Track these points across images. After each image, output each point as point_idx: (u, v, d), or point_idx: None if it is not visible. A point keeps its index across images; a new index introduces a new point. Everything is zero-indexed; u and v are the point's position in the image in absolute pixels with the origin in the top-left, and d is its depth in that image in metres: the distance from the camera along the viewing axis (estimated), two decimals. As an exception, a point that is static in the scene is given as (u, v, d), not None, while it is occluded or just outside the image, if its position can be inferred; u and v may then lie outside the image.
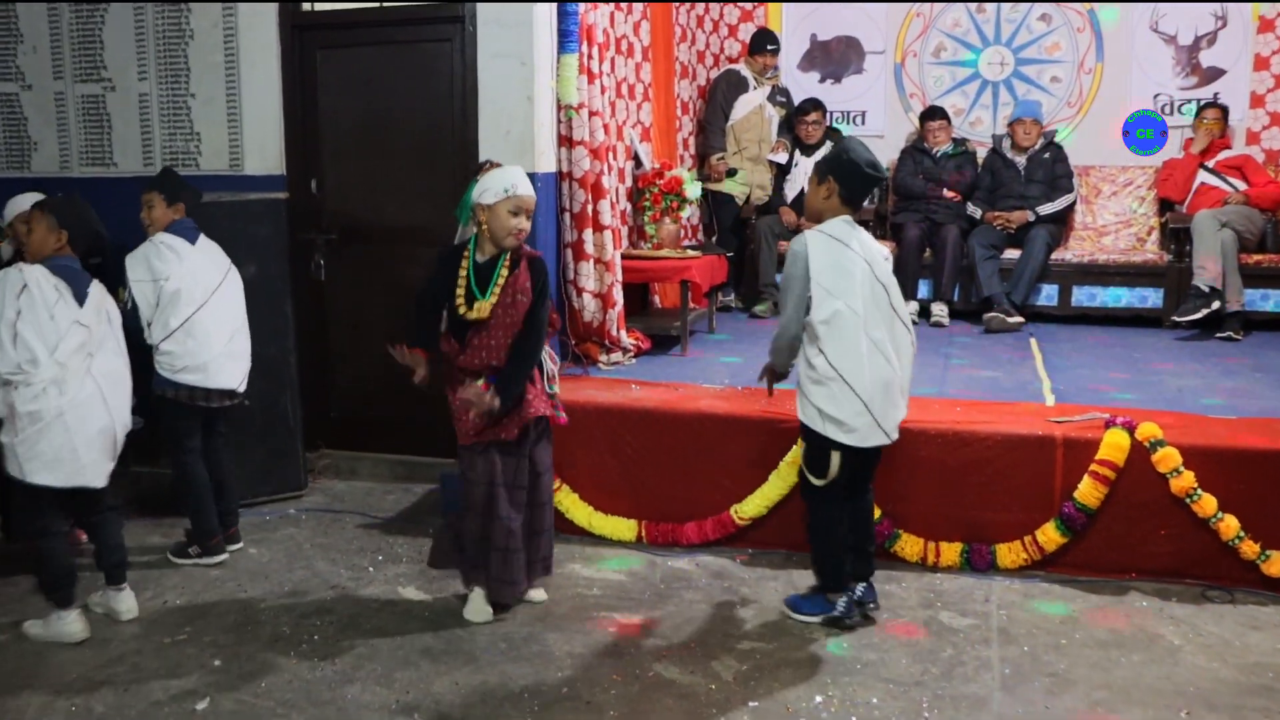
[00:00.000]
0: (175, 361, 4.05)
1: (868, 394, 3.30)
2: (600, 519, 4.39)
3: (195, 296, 4.09)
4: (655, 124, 6.47)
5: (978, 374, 5.12)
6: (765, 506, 4.16)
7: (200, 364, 4.09)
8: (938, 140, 7.11)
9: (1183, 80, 7.12)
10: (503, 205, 3.40)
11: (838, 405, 3.30)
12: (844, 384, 3.28)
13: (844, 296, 3.27)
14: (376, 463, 5.32)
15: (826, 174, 3.37)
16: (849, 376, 3.28)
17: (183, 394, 4.10)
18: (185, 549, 4.19)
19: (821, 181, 3.39)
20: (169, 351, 4.04)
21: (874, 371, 3.31)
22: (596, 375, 5.00)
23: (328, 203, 5.28)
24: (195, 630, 3.60)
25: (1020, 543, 3.96)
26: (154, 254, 4.04)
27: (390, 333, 5.09)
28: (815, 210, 3.44)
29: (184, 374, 4.06)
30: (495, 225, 3.43)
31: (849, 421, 3.31)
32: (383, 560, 4.22)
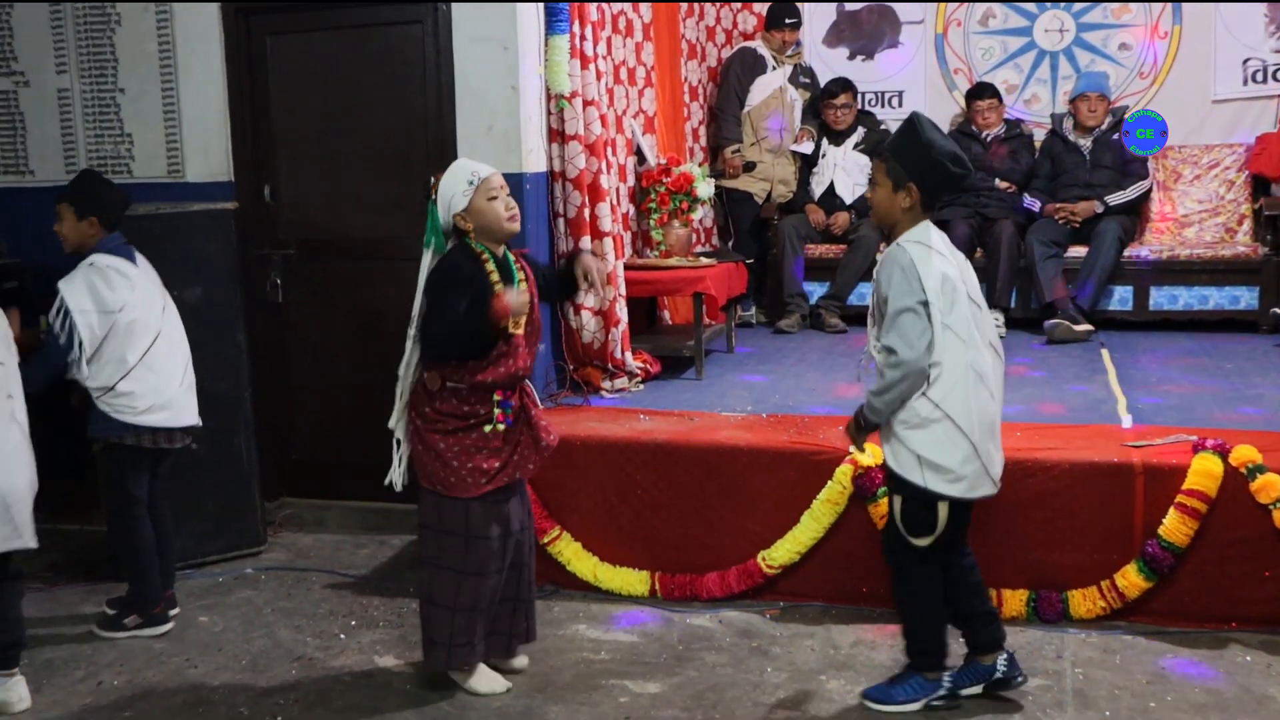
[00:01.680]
0: (137, 402, 4.05)
1: (977, 436, 3.20)
2: (607, 571, 4.39)
3: (150, 325, 4.12)
4: (660, 113, 6.50)
5: (1041, 392, 5.11)
6: (798, 552, 4.16)
7: (165, 401, 4.11)
8: (987, 122, 7.14)
9: (1277, 42, 7.12)
10: (478, 198, 3.44)
11: (943, 451, 3.19)
12: (951, 425, 3.18)
13: (950, 317, 3.19)
14: (346, 512, 5.32)
15: (906, 179, 3.26)
16: (957, 416, 3.19)
17: (145, 438, 4.12)
18: (119, 620, 4.18)
19: (900, 187, 3.27)
20: (128, 392, 4.04)
21: (980, 408, 3.22)
22: (599, 404, 5.01)
23: (284, 213, 5.31)
24: (137, 715, 3.59)
25: (1097, 589, 3.95)
26: (100, 281, 4.04)
27: (359, 362, 5.18)
28: (891, 219, 3.33)
29: (149, 415, 4.08)
30: (485, 221, 3.45)
31: (956, 469, 3.20)
32: (356, 625, 4.20)
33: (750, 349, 6.45)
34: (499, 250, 3.51)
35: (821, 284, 7.08)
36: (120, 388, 4.04)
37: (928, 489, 3.23)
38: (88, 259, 4.09)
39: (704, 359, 5.63)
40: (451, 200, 3.45)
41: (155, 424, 4.11)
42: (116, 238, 4.16)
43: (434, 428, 3.47)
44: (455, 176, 3.47)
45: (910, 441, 3.23)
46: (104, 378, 4.03)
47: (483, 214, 3.44)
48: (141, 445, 4.13)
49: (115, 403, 4.05)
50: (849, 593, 4.17)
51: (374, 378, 4.91)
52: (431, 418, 3.48)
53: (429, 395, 3.48)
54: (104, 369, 4.03)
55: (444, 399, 3.46)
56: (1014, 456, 3.96)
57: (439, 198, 3.47)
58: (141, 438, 4.11)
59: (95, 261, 4.08)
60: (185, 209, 4.83)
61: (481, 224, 3.45)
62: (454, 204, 3.44)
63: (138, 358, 4.06)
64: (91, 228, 4.12)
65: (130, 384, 4.05)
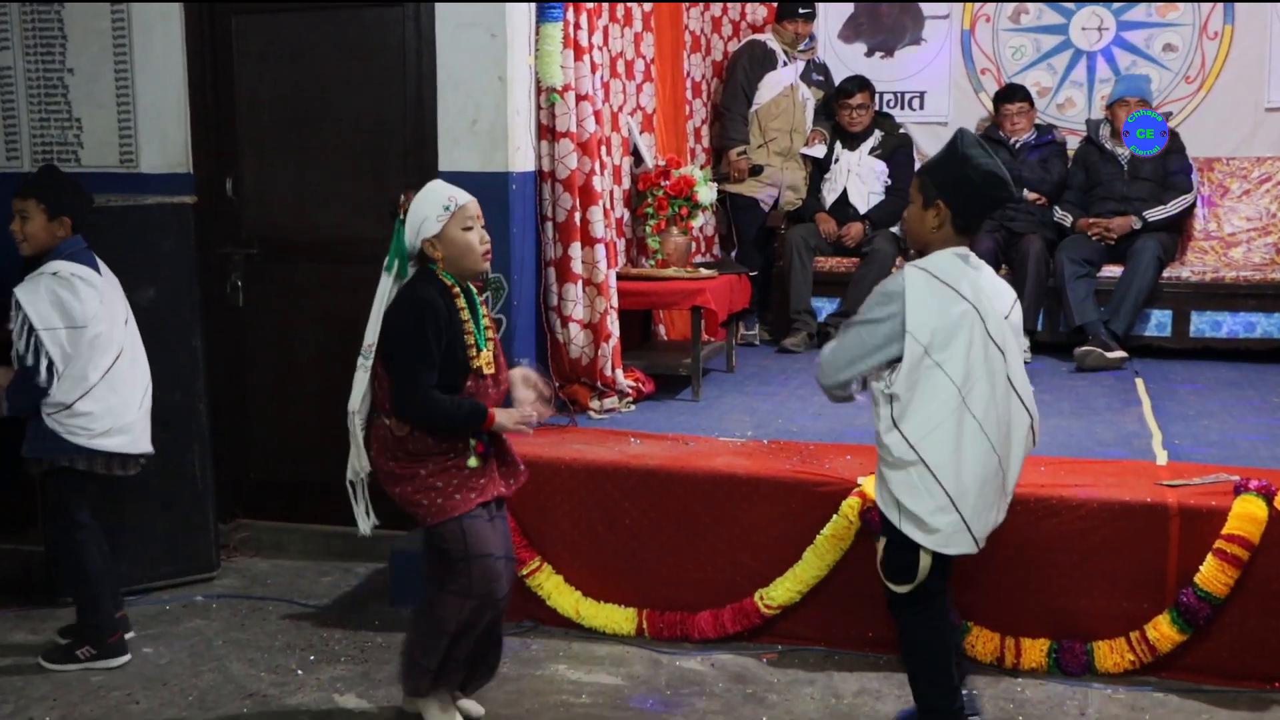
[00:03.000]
0: (95, 424, 4.05)
1: (957, 488, 3.19)
2: (590, 607, 4.39)
3: (114, 340, 4.13)
4: (660, 110, 6.53)
5: (1068, 424, 5.12)
6: (799, 591, 4.16)
7: (125, 425, 4.12)
8: (1017, 128, 7.18)
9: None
10: (452, 226, 3.45)
11: (915, 497, 3.21)
12: (925, 471, 3.20)
13: (942, 355, 3.18)
14: (308, 536, 5.33)
15: (935, 195, 3.25)
16: (934, 463, 3.19)
17: (97, 463, 4.12)
18: (71, 651, 4.17)
19: (929, 204, 3.27)
20: (86, 413, 4.04)
21: (971, 461, 3.20)
22: (586, 425, 5.02)
23: (247, 209, 5.33)
24: (74, 752, 3.60)
25: (1125, 640, 3.94)
26: (67, 292, 4.03)
27: (325, 373, 5.18)
28: (921, 240, 3.34)
29: (105, 439, 4.08)
30: (457, 252, 3.47)
31: (929, 520, 3.20)
32: (315, 660, 4.21)
33: (752, 369, 6.46)
34: (464, 284, 3.53)
35: (831, 300, 7.10)
36: (79, 407, 4.03)
37: (902, 532, 3.25)
38: (49, 267, 4.06)
39: (701, 379, 5.65)
40: (423, 224, 3.45)
41: (111, 449, 4.11)
42: (79, 241, 4.15)
43: (411, 459, 3.48)
44: (430, 199, 3.48)
45: (889, 481, 3.27)
46: (61, 394, 4.02)
47: (455, 244, 3.46)
48: (93, 470, 4.13)
49: (70, 423, 4.03)
50: (853, 637, 4.17)
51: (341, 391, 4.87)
52: (404, 460, 3.48)
53: (396, 439, 3.48)
54: (62, 386, 4.02)
55: (414, 440, 3.47)
56: (1037, 493, 3.99)
57: (409, 218, 3.47)
58: (94, 462, 4.11)
59: (59, 270, 4.05)
60: (139, 202, 4.84)
61: (452, 254, 3.46)
62: (425, 228, 3.45)
63: (100, 375, 4.06)
64: (62, 229, 4.12)
65: (90, 403, 4.04)
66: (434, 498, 3.47)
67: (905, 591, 3.31)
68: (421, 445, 3.46)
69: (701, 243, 7.06)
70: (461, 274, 3.50)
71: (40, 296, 4.01)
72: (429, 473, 3.47)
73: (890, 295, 3.22)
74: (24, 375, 4.01)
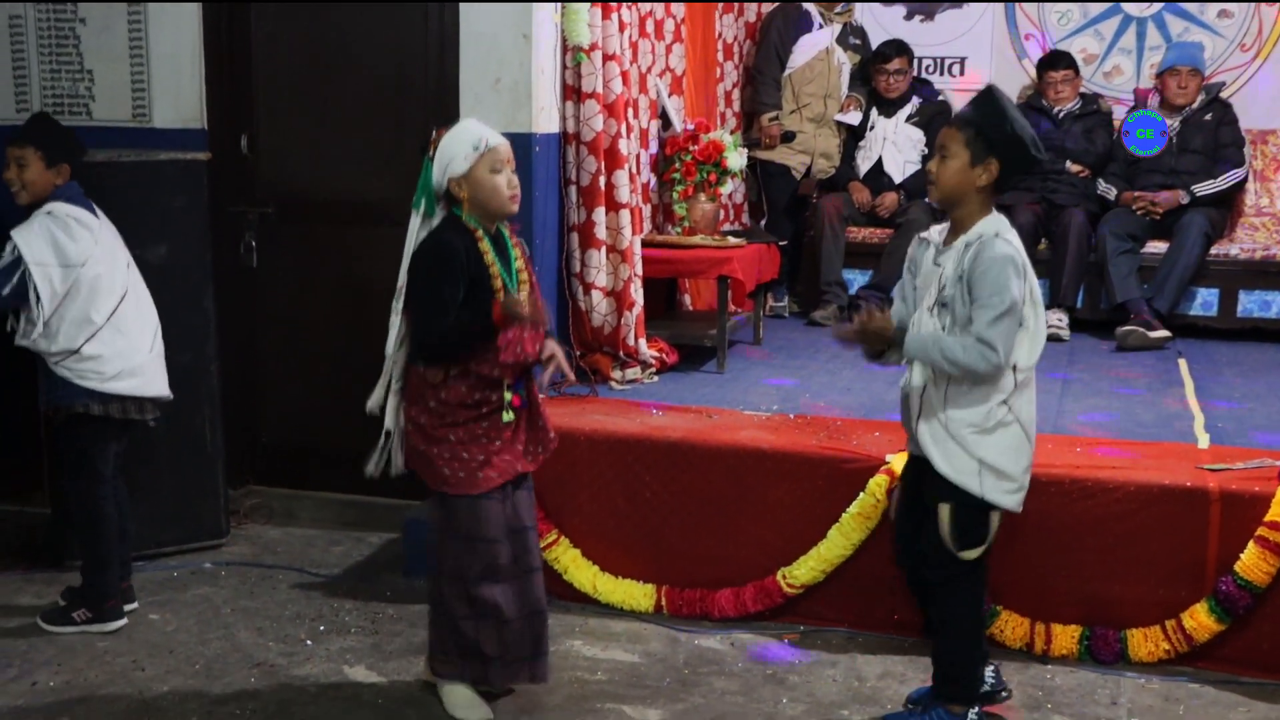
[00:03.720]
0: (105, 366, 4.11)
1: (1033, 442, 3.38)
2: (608, 582, 4.42)
3: (116, 282, 4.17)
4: (689, 72, 6.52)
5: (1107, 404, 5.12)
6: (822, 570, 4.17)
7: (135, 367, 4.17)
8: (1061, 96, 7.13)
9: None
10: (481, 167, 3.45)
11: (1011, 458, 3.31)
12: (1020, 431, 3.32)
13: (1031, 320, 3.30)
14: (320, 504, 5.36)
15: (987, 153, 3.27)
16: (1026, 422, 3.34)
17: (113, 408, 4.17)
18: (68, 613, 4.22)
19: (979, 162, 3.28)
20: (94, 355, 4.10)
21: (1033, 417, 3.39)
22: (607, 396, 5.03)
23: (262, 167, 5.35)
24: None
25: (1160, 628, 3.94)
26: (61, 231, 4.08)
27: (341, 337, 5.21)
28: (962, 198, 3.33)
29: (116, 381, 4.13)
30: (484, 195, 3.47)
31: (1019, 478, 3.34)
32: (325, 631, 4.24)
33: (780, 342, 6.47)
34: (493, 228, 3.54)
35: (863, 272, 7.09)
36: (86, 350, 4.09)
37: (984, 497, 3.29)
38: (44, 208, 4.12)
39: (727, 350, 5.65)
40: (451, 162, 3.46)
41: (124, 391, 4.16)
42: (75, 186, 4.20)
43: (442, 421, 3.49)
44: (461, 137, 3.48)
45: (975, 446, 3.29)
46: (66, 340, 4.07)
47: (482, 186, 3.46)
48: (110, 415, 4.17)
49: (79, 367, 4.09)
50: (878, 619, 4.19)
51: (357, 355, 4.96)
52: (438, 410, 3.49)
53: (431, 387, 3.50)
54: (66, 330, 4.07)
55: (449, 388, 3.48)
56: (1072, 474, 4.00)
57: (438, 155, 3.49)
58: (109, 406, 4.16)
59: (54, 210, 4.11)
60: (151, 158, 4.85)
61: (478, 196, 3.47)
62: (453, 167, 3.45)
63: (104, 318, 4.11)
64: (60, 176, 4.16)
65: (97, 346, 4.10)
66: (457, 469, 3.48)
67: (977, 556, 3.38)
68: (453, 395, 3.46)
69: (730, 210, 7.05)
70: (488, 217, 3.50)
71: (34, 233, 4.07)
72: (458, 440, 3.48)
73: (1020, 268, 3.26)
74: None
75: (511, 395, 3.52)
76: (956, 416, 3.31)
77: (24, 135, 4.20)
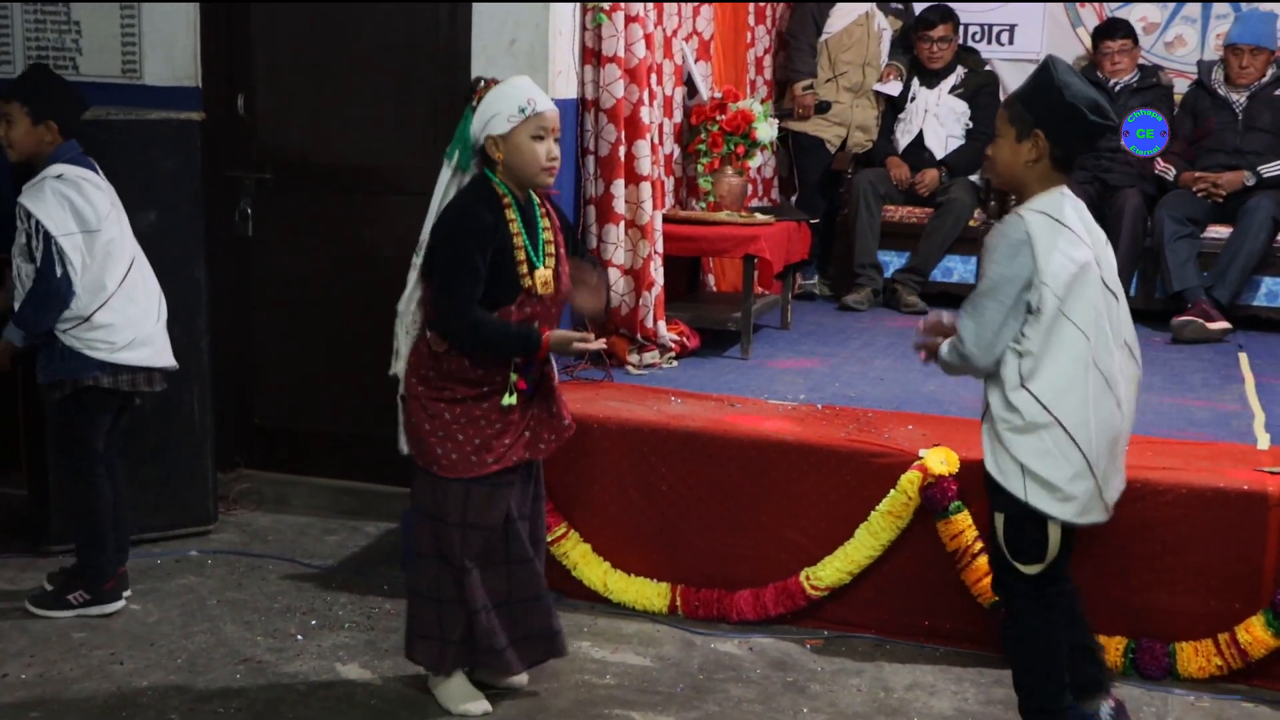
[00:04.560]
0: (116, 336, 4.11)
1: (1093, 450, 3.21)
2: (620, 580, 4.41)
3: (126, 247, 4.20)
4: (718, 37, 6.48)
5: (1159, 401, 5.07)
6: (849, 572, 4.16)
7: (146, 336, 4.20)
8: (1118, 68, 7.07)
9: None
10: (522, 131, 3.45)
11: (1051, 463, 3.20)
12: (1063, 433, 3.20)
13: (1071, 305, 3.19)
14: (315, 490, 5.37)
15: (1030, 126, 3.22)
16: (1071, 424, 3.20)
17: (123, 379, 4.17)
18: (62, 596, 4.24)
19: (1024, 136, 3.24)
20: (106, 324, 4.10)
21: (1101, 418, 3.22)
22: (623, 381, 5.02)
23: (259, 129, 5.34)
24: (46, 716, 3.61)
25: (1212, 643, 3.92)
26: (75, 194, 4.08)
27: (341, 312, 5.19)
28: (1015, 179, 3.31)
29: (128, 351, 4.14)
30: (519, 160, 3.47)
31: (1064, 487, 3.21)
32: (316, 626, 4.24)
33: (809, 327, 6.45)
34: (522, 195, 3.53)
35: (900, 254, 7.06)
36: (98, 318, 4.09)
37: (1030, 504, 3.23)
38: (50, 170, 4.11)
39: (752, 335, 5.63)
40: (492, 119, 3.45)
41: (135, 362, 4.17)
42: (75, 145, 4.20)
43: (438, 395, 3.50)
44: (508, 95, 3.47)
45: (1015, 447, 3.24)
46: (78, 307, 4.08)
47: (519, 151, 3.46)
48: (119, 388, 4.18)
49: (89, 337, 4.09)
50: (908, 626, 4.17)
51: (358, 332, 4.97)
52: (435, 382, 3.50)
53: (432, 355, 3.51)
54: (79, 297, 4.08)
55: (450, 359, 3.49)
56: (1120, 474, 3.96)
57: (480, 108, 3.48)
58: (119, 379, 4.17)
59: (63, 173, 4.11)
60: (141, 116, 4.84)
61: (514, 162, 3.47)
62: (493, 125, 3.46)
63: (116, 284, 4.14)
64: (49, 133, 4.16)
65: (109, 314, 4.10)
66: (450, 450, 3.49)
67: (1036, 572, 3.30)
68: (454, 367, 3.47)
69: (759, 185, 7.03)
70: (519, 184, 3.51)
71: (49, 202, 4.05)
72: (454, 419, 3.48)
73: (1017, 245, 3.19)
74: (43, 286, 4.03)
75: (518, 378, 3.51)
76: (995, 412, 3.27)
77: (12, 89, 4.21)
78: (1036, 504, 3.22)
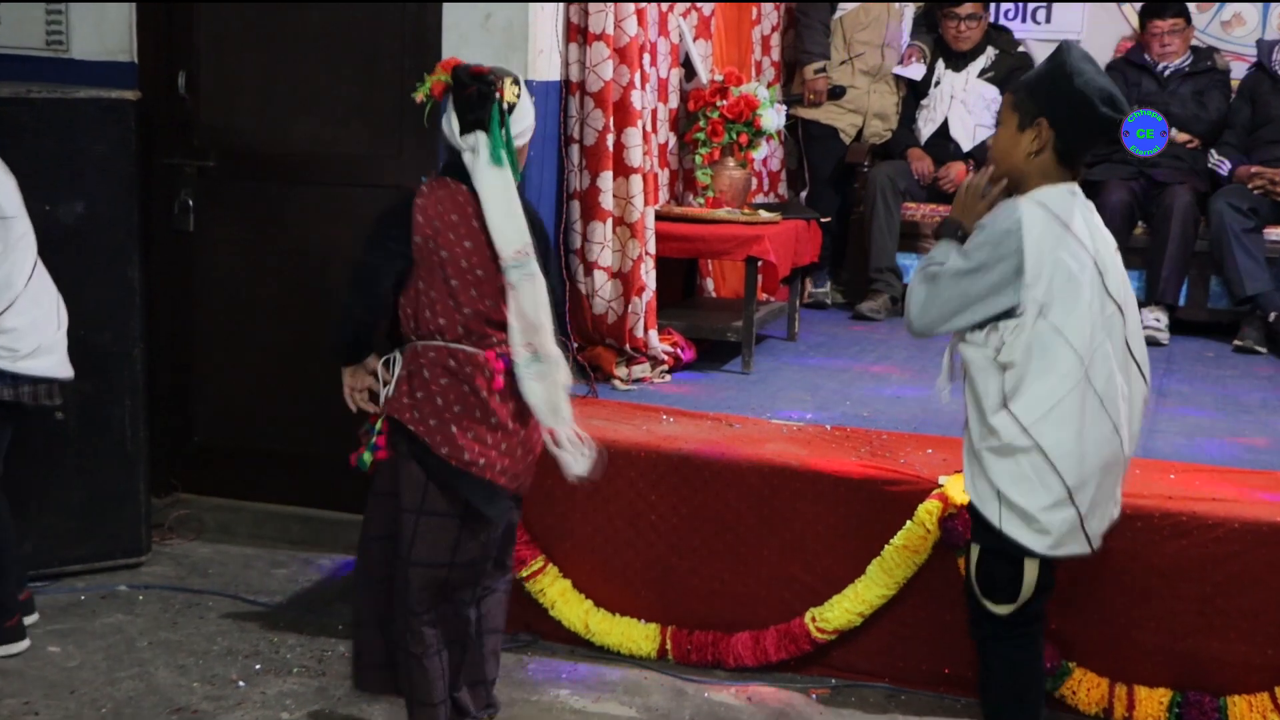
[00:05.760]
0: (20, 343, 4.07)
1: (1077, 478, 3.23)
2: (603, 620, 4.40)
3: (34, 244, 4.16)
4: (719, 13, 6.50)
5: (1210, 423, 5.09)
6: (860, 613, 4.15)
7: (50, 343, 4.17)
8: (1168, 50, 7.08)
9: None
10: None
11: (1027, 490, 3.23)
12: (1041, 459, 3.21)
13: (1061, 317, 3.20)
14: (261, 517, 5.36)
15: (1035, 113, 3.27)
16: (1051, 448, 3.21)
17: (24, 391, 4.14)
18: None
19: (1027, 124, 3.29)
20: (10, 329, 4.07)
21: (1094, 444, 3.24)
22: (609, 398, 5.02)
23: (203, 111, 5.33)
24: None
25: (1269, 696, 3.91)
26: None
27: (292, 317, 5.18)
28: (1013, 171, 3.34)
29: (31, 360, 4.11)
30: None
31: (1040, 517, 3.23)
32: (261, 671, 4.22)
33: (818, 337, 6.46)
34: None
35: (921, 257, 7.02)
36: (4, 323, 4.05)
37: (1004, 533, 3.26)
38: None
39: (754, 346, 5.63)
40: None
41: (39, 373, 4.14)
42: None
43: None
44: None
45: (991, 469, 3.27)
46: None
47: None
48: (20, 400, 4.14)
49: None
50: (925, 673, 4.17)
51: (311, 340, 4.94)
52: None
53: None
54: None
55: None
56: (1163, 507, 3.97)
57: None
58: (20, 390, 4.13)
59: None
60: (67, 95, 4.81)
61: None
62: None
63: (24, 283, 4.10)
64: None
65: (14, 318, 4.07)
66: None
67: (1006, 613, 3.32)
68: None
69: (764, 179, 7.04)
70: None
71: None
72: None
73: (1003, 235, 3.21)
74: None
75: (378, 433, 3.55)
76: (973, 430, 3.32)
77: None
78: (1012, 534, 3.25)
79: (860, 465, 4.24)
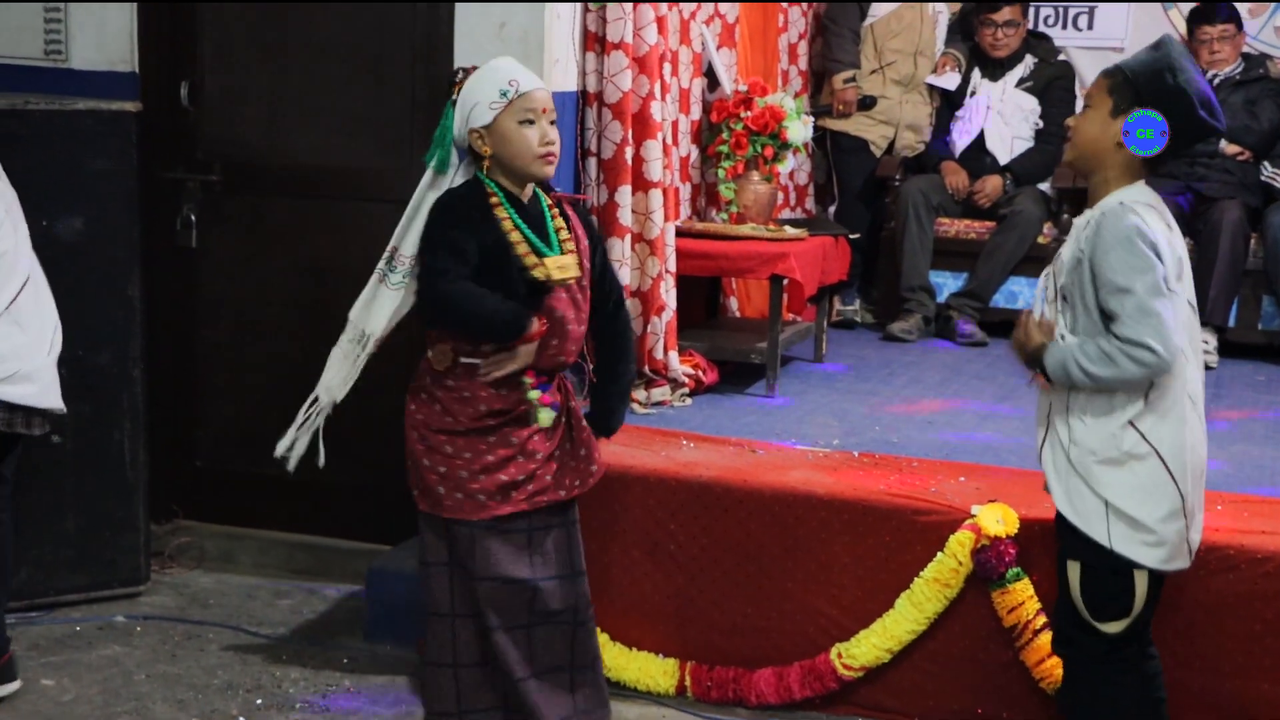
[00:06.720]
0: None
1: (1188, 484, 3.25)
2: (620, 655, 4.40)
3: (20, 264, 4.13)
4: (744, 20, 6.51)
5: (1260, 451, 5.07)
6: (888, 650, 4.14)
7: (33, 370, 4.12)
8: (1217, 58, 7.06)
9: None
10: (507, 117, 3.48)
11: (1144, 500, 3.23)
12: (1159, 465, 3.23)
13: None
14: (265, 546, 5.37)
15: (1134, 100, 3.31)
16: (1168, 453, 3.23)
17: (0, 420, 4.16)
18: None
19: (1119, 111, 3.34)
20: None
21: (1193, 446, 3.27)
22: (627, 422, 4.93)
23: (206, 123, 5.35)
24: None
25: (1319, 737, 3.90)
26: None
27: (299, 337, 5.20)
28: (1096, 159, 3.37)
29: (8, 386, 4.06)
30: (509, 151, 3.50)
31: (1157, 528, 3.23)
32: (263, 705, 4.22)
33: (847, 359, 6.46)
34: (525, 191, 3.56)
35: (956, 275, 7.06)
36: None
37: (1114, 550, 3.24)
38: None
39: (779, 368, 5.63)
40: (473, 110, 3.49)
41: (15, 399, 4.11)
42: None
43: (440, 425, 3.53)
44: (487, 79, 3.52)
45: (1099, 482, 3.25)
46: None
47: (507, 140, 3.48)
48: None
49: None
50: (957, 713, 4.15)
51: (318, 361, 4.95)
52: (436, 408, 3.54)
53: (433, 375, 3.56)
54: None
55: (457, 377, 3.52)
56: (1209, 539, 3.91)
57: (459, 101, 3.53)
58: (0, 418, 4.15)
59: None
60: (66, 107, 4.83)
61: (504, 153, 3.50)
62: (475, 116, 3.49)
63: (4, 305, 4.09)
64: None
65: None
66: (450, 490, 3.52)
67: (1120, 630, 3.31)
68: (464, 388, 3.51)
69: (790, 194, 7.04)
70: (515, 179, 3.54)
71: None
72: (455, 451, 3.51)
73: (1147, 240, 3.20)
74: None
75: (540, 394, 3.54)
76: (1081, 440, 3.28)
77: None
78: (1122, 550, 3.24)
79: (889, 493, 4.23)
